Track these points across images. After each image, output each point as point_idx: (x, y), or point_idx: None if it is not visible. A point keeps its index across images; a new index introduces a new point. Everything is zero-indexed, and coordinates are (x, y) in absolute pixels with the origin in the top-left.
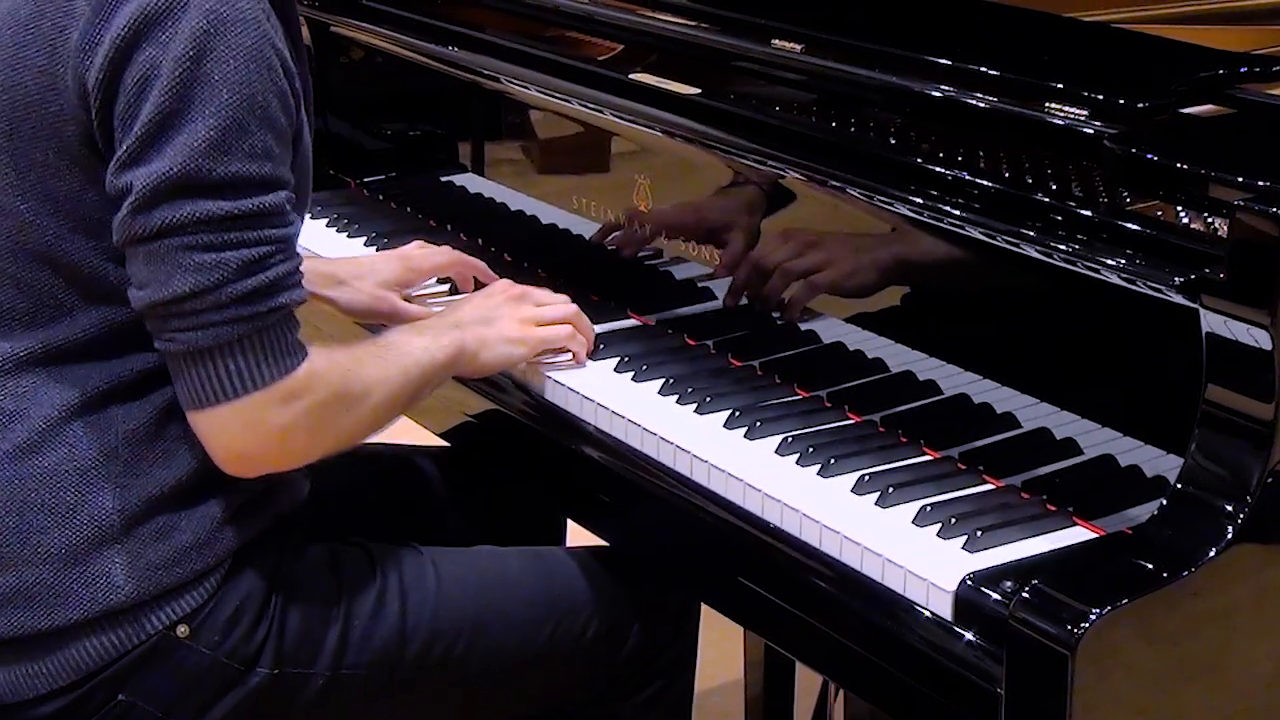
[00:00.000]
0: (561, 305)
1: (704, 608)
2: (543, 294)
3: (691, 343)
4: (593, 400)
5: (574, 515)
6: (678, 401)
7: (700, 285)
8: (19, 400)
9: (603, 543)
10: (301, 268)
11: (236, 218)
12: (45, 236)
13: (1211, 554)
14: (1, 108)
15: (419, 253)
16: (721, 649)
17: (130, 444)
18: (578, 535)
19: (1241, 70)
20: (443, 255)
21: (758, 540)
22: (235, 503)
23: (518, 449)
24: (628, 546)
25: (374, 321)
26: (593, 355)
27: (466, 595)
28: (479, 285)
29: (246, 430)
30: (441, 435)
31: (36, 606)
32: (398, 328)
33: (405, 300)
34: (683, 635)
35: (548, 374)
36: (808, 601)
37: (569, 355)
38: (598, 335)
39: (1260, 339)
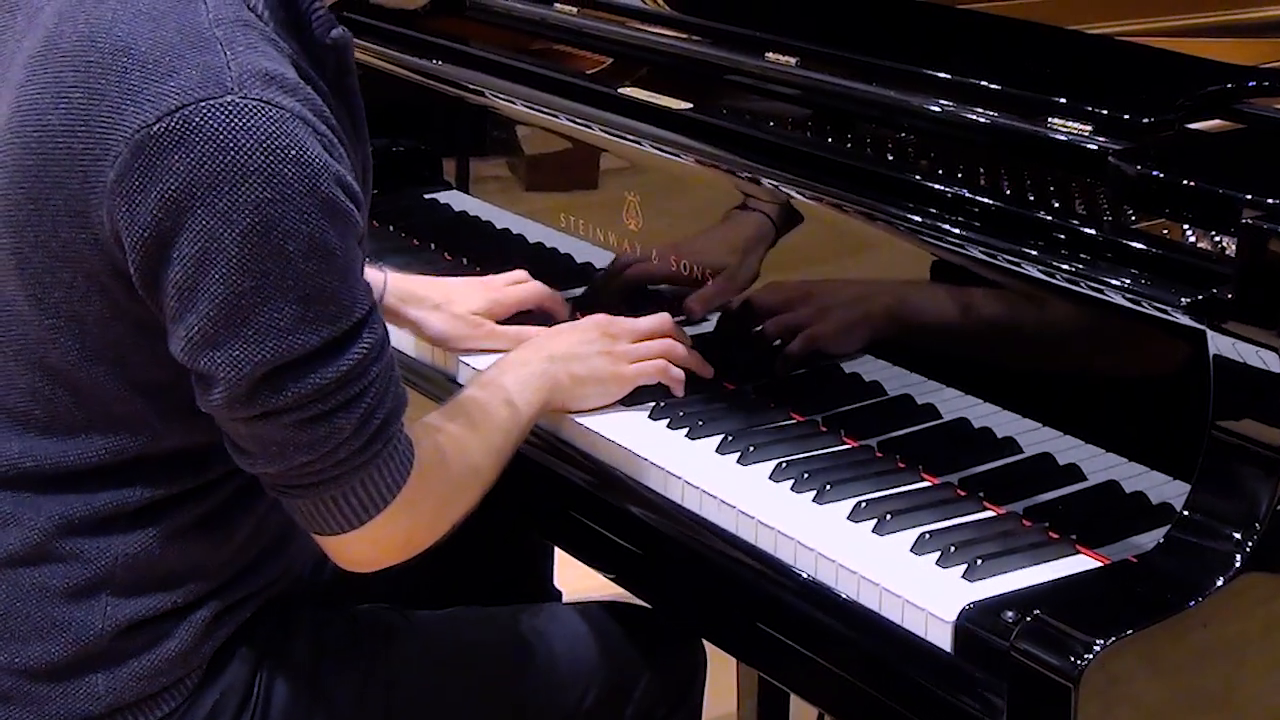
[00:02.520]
0: (653, 342)
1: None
2: (636, 324)
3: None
4: (580, 424)
5: (563, 545)
6: (669, 426)
7: (691, 305)
8: (18, 506)
9: (599, 594)
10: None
11: (342, 377)
12: (68, 357)
13: (1219, 583)
14: (27, 219)
15: (503, 286)
16: (715, 681)
17: (128, 568)
18: (571, 570)
19: (1249, 84)
20: (528, 291)
21: (751, 570)
22: (229, 603)
23: (511, 478)
24: (618, 576)
25: (461, 348)
26: None
27: (458, 669)
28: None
29: (375, 546)
30: None
31: (10, 706)
32: (485, 374)
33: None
34: (690, 696)
35: None
36: (803, 632)
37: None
38: None
39: (1270, 361)
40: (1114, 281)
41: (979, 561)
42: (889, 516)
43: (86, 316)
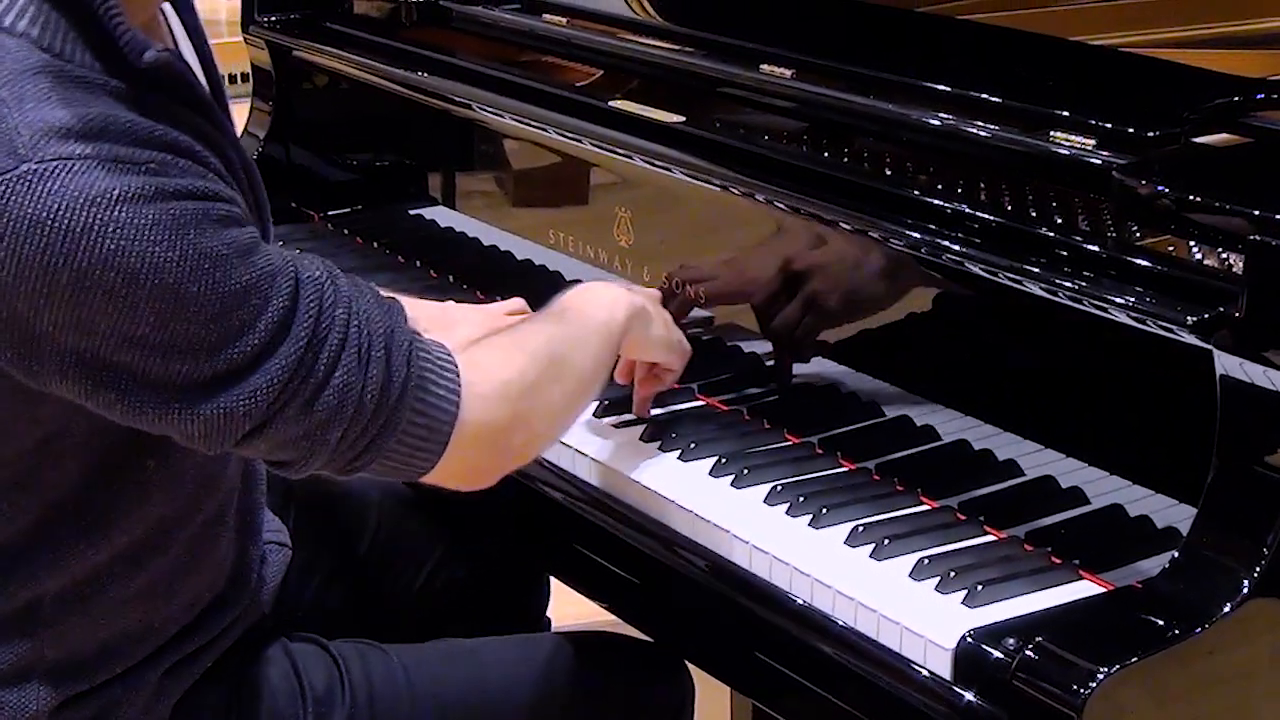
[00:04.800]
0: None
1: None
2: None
3: (675, 386)
4: (570, 446)
5: (552, 570)
6: (660, 448)
7: (681, 324)
8: None
9: (588, 621)
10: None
11: (307, 345)
12: None
13: (1226, 610)
14: None
15: (503, 316)
16: (707, 710)
17: (57, 646)
18: (558, 597)
19: (1257, 97)
20: None
21: (745, 596)
22: (181, 656)
23: (494, 500)
24: (608, 603)
25: None
26: None
27: (442, 703)
28: None
29: (475, 460)
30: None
31: None
32: (568, 295)
33: None
34: None
35: None
36: (798, 660)
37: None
38: None
39: (1278, 382)
40: (1118, 299)
41: (979, 587)
42: (887, 541)
43: None
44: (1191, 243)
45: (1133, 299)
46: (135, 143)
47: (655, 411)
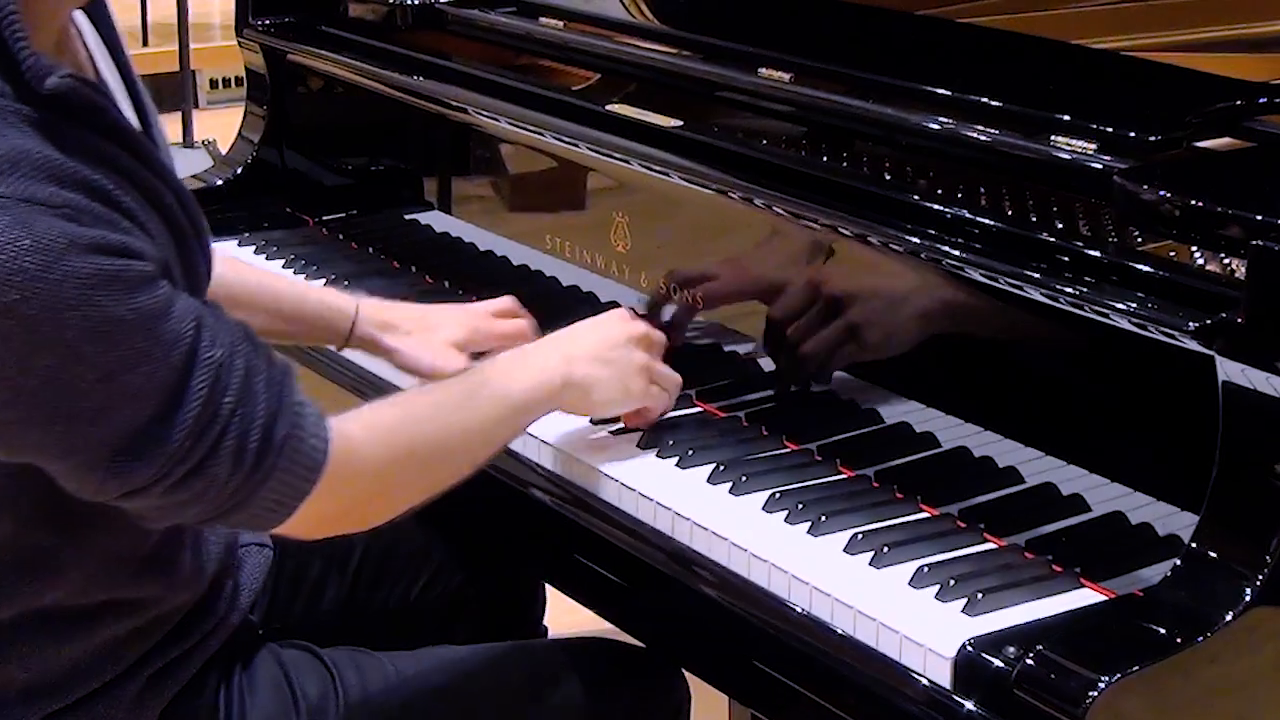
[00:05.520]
0: (672, 373)
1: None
2: (659, 336)
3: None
4: (567, 452)
5: (547, 577)
6: (658, 455)
7: (683, 330)
8: None
9: (584, 629)
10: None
11: (190, 432)
12: None
13: (1229, 618)
14: None
15: (487, 315)
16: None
17: (24, 667)
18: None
19: (1260, 101)
20: (512, 328)
21: (743, 604)
22: (162, 664)
23: (492, 507)
24: (604, 611)
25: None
26: None
27: (436, 709)
28: None
29: (319, 522)
30: None
31: None
32: (503, 354)
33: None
34: None
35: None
36: (797, 669)
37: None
38: None
39: None
40: (1119, 305)
41: (979, 595)
42: (886, 549)
43: None
44: (1193, 248)
45: (1134, 304)
46: (50, 180)
47: None
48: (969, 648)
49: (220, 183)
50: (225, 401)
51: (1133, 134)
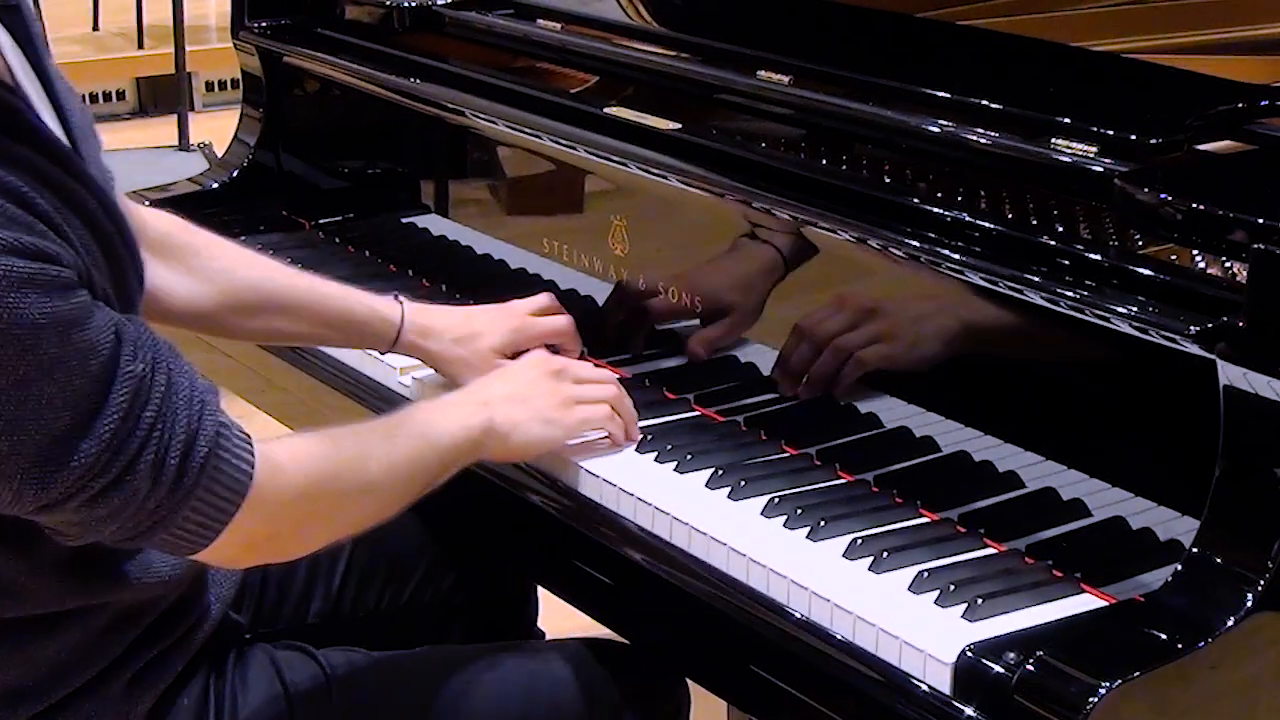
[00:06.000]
0: (602, 385)
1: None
2: (583, 368)
3: (670, 397)
4: (563, 458)
5: (544, 582)
6: (656, 459)
7: (682, 334)
8: None
9: (585, 633)
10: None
11: (107, 445)
12: None
13: (1230, 623)
14: None
15: (527, 315)
16: None
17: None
18: (552, 609)
19: (1261, 103)
20: (553, 325)
21: (742, 610)
22: (143, 663)
23: (485, 510)
24: (603, 616)
25: None
26: None
27: (431, 710)
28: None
29: (238, 548)
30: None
31: None
32: (421, 403)
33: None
34: None
35: None
36: (796, 675)
37: (601, 434)
38: None
39: None
40: (1120, 309)
41: (979, 601)
42: (886, 554)
43: None
44: (1194, 251)
45: (1135, 308)
46: None
47: (651, 421)
48: (969, 653)
49: (216, 186)
50: (145, 415)
51: (1133, 137)
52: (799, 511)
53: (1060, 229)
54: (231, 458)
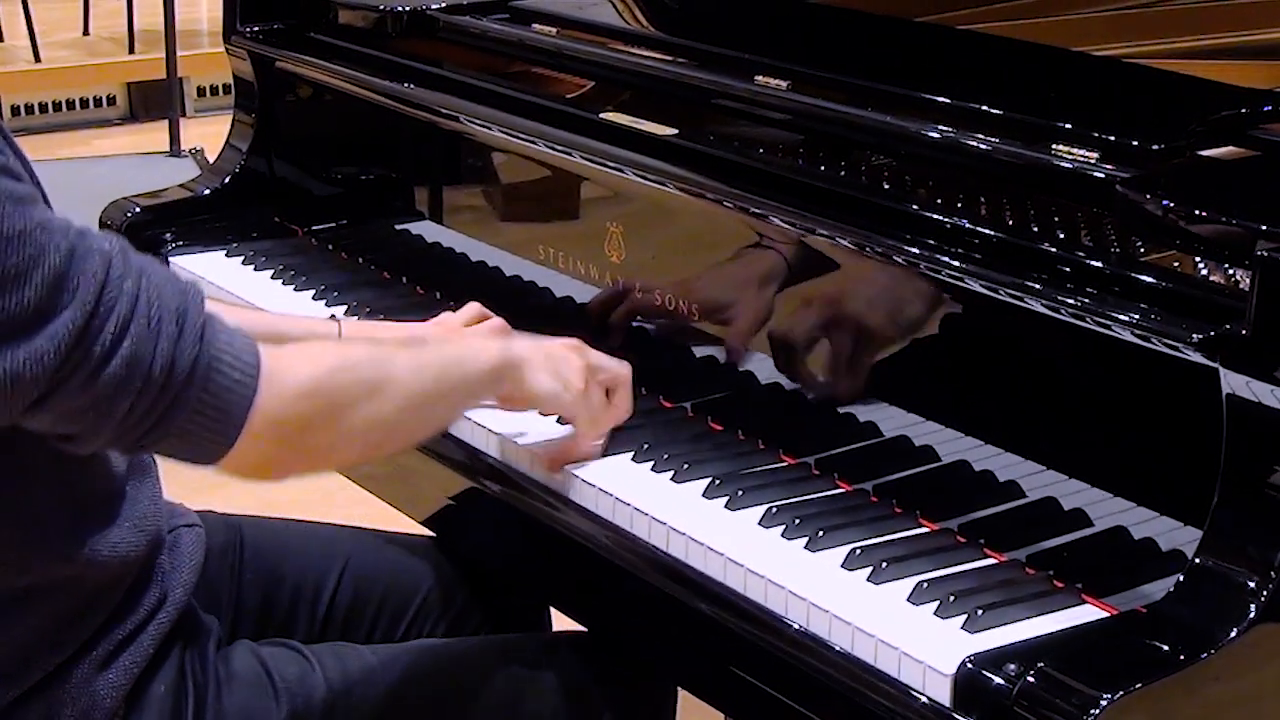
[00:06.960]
0: (618, 365)
1: (680, 693)
2: (604, 359)
3: (667, 405)
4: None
5: (543, 593)
6: (653, 469)
7: (679, 342)
8: None
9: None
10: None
11: (91, 309)
12: None
13: (1233, 634)
14: None
15: (459, 327)
16: None
17: None
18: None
19: (1264, 109)
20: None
21: (739, 620)
22: (114, 645)
23: (497, 529)
24: (603, 629)
25: None
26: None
27: (414, 705)
28: None
29: (259, 457)
30: (422, 522)
31: None
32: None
33: None
34: None
35: (518, 442)
36: (795, 686)
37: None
38: None
39: None
40: (1122, 316)
41: (979, 611)
42: (885, 564)
43: None
44: (1197, 258)
45: (1137, 316)
46: None
47: (647, 430)
48: (969, 665)
49: (208, 192)
50: (126, 285)
51: (1135, 143)
52: (797, 521)
53: (1061, 236)
54: (230, 339)
